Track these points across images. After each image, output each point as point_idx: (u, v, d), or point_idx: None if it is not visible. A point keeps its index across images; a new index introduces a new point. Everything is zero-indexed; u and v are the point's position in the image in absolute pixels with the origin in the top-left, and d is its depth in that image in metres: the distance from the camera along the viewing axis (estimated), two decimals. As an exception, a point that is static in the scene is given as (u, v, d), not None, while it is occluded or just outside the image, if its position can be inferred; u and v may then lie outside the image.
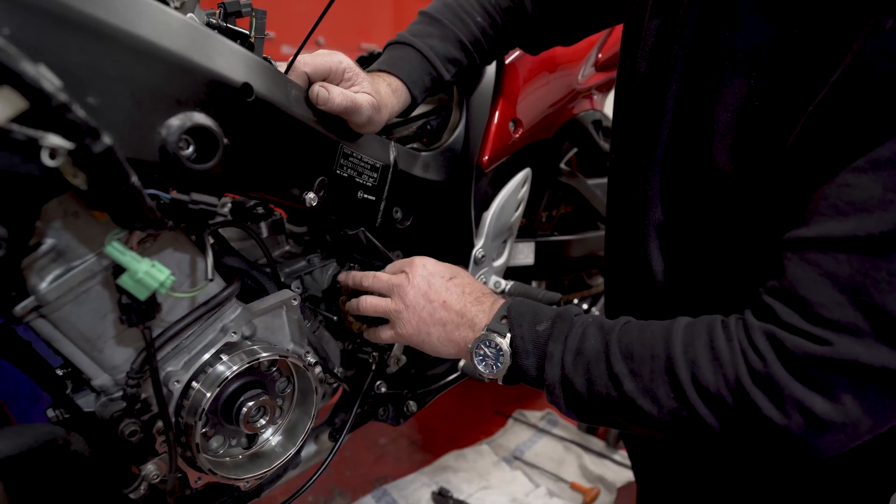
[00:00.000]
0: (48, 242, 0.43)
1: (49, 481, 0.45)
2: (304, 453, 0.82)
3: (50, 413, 0.52)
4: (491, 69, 0.93)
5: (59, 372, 0.55)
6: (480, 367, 0.57)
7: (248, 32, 0.59)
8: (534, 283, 1.28)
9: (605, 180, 1.29)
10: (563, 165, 1.18)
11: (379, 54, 1.12)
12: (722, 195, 0.51)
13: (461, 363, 0.90)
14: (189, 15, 0.50)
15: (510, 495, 1.12)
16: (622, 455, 1.24)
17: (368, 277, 0.66)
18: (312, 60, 0.61)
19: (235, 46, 0.50)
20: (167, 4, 0.46)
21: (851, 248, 0.40)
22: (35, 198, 0.39)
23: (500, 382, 0.58)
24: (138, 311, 0.44)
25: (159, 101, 0.42)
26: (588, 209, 1.26)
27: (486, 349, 0.57)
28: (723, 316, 0.48)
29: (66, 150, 0.34)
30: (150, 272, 0.40)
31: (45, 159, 0.34)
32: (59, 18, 0.36)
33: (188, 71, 0.44)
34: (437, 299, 0.60)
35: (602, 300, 1.58)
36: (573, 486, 1.14)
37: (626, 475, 1.18)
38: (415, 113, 0.93)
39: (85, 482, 0.47)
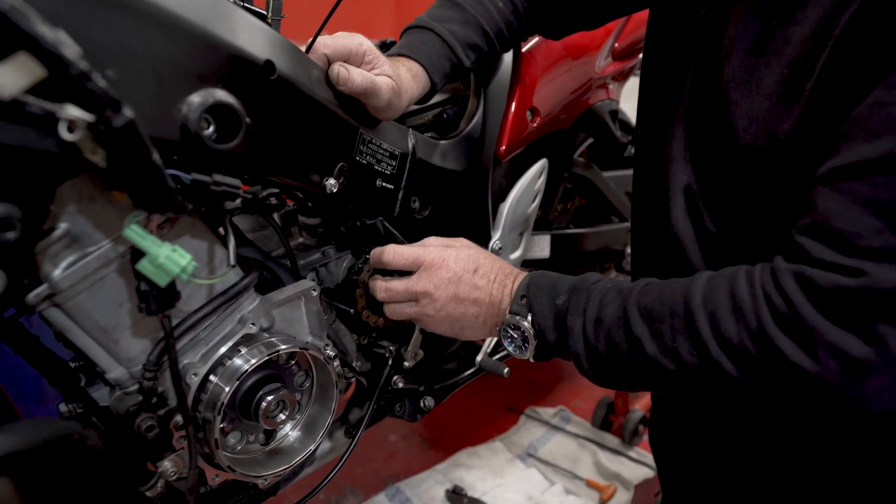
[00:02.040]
0: (62, 227, 0.41)
1: (63, 477, 0.43)
2: (318, 450, 0.80)
3: (63, 408, 0.50)
4: (508, 57, 0.91)
5: (73, 365, 0.53)
6: (511, 349, 0.58)
7: (265, 13, 0.57)
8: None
9: (619, 173, 1.27)
10: (577, 157, 1.16)
11: (392, 43, 1.10)
12: (747, 148, 0.48)
13: (478, 358, 0.89)
14: None
15: (525, 493, 1.09)
16: (637, 452, 1.22)
17: (389, 253, 0.63)
18: (333, 42, 0.59)
19: (258, 22, 0.48)
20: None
21: (888, 169, 0.37)
22: (51, 177, 0.37)
23: (532, 360, 0.58)
24: (158, 299, 0.41)
25: (181, 76, 0.40)
26: (603, 202, 1.23)
27: (512, 332, 0.57)
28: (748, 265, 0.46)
29: (86, 122, 0.31)
30: (171, 257, 0.38)
31: (63, 133, 0.32)
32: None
33: (211, 45, 0.42)
34: (466, 298, 0.59)
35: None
36: (589, 484, 1.12)
37: (643, 472, 1.16)
38: (430, 102, 0.91)
39: (100, 479, 0.45)
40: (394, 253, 0.62)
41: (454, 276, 0.59)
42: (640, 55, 1.10)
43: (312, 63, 0.56)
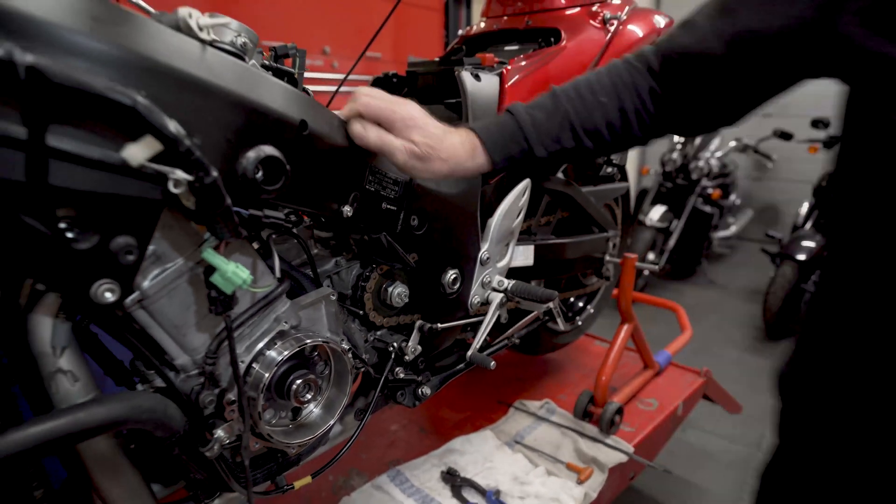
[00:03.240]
0: (150, 249, 0.55)
1: (152, 440, 0.56)
2: (332, 432, 0.93)
3: (139, 388, 0.63)
4: (494, 90, 1.05)
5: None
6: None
7: (293, 70, 0.71)
8: (533, 283, 1.40)
9: (599, 188, 1.41)
10: (559, 175, 1.29)
11: (394, 76, 1.24)
12: None
13: (468, 353, 1.02)
14: (251, 61, 0.61)
15: (511, 474, 1.23)
16: (614, 440, 1.35)
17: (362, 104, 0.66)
18: (369, 102, 0.66)
19: (294, 90, 0.62)
20: (242, 59, 0.57)
21: None
22: (155, 216, 0.51)
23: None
24: (223, 303, 0.55)
25: (241, 139, 0.53)
26: (583, 214, 1.37)
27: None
28: None
29: (186, 181, 0.45)
30: (235, 272, 0.52)
31: (171, 188, 0.45)
32: (177, 80, 0.47)
33: (261, 114, 0.55)
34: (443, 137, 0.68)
35: (596, 299, 1.70)
36: (569, 467, 1.26)
37: (617, 457, 1.29)
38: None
39: (176, 442, 0.59)
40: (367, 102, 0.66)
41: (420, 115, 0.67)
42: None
43: (332, 114, 0.69)
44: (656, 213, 3.90)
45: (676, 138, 4.42)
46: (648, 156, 6.23)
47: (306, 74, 2.34)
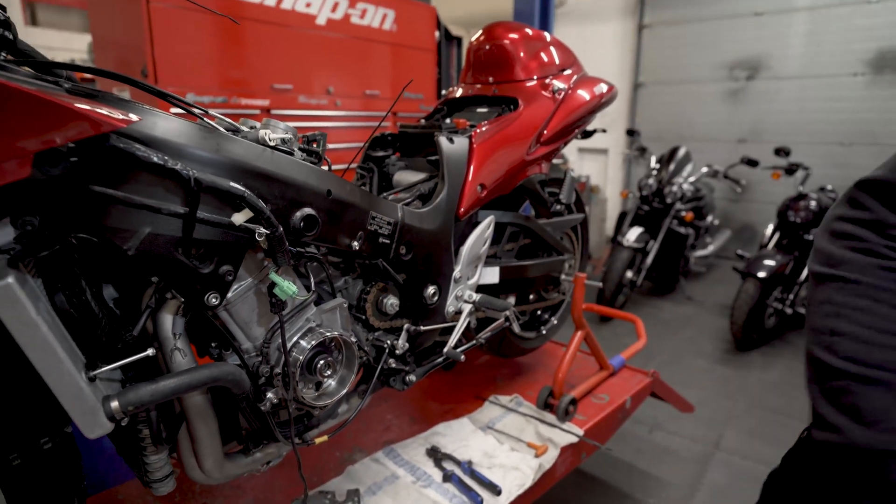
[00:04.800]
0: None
1: (229, 397, 0.88)
2: (340, 409, 1.24)
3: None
4: (464, 150, 1.38)
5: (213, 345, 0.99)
6: None
7: (318, 150, 1.03)
8: (502, 297, 1.72)
9: (553, 220, 1.73)
10: (520, 211, 1.62)
11: (389, 135, 1.56)
12: None
13: (445, 349, 1.34)
14: (295, 148, 0.94)
15: (482, 450, 1.53)
16: (568, 426, 1.65)
17: None
18: None
19: (323, 170, 0.94)
20: (291, 154, 0.90)
21: None
22: (242, 253, 0.83)
23: None
24: (279, 306, 0.87)
25: (293, 206, 0.86)
26: (541, 242, 1.70)
27: None
28: None
29: (265, 234, 0.78)
30: (289, 286, 0.84)
31: (256, 237, 0.78)
32: (259, 174, 0.80)
33: (304, 188, 0.88)
34: None
35: (561, 309, 2.02)
36: (529, 445, 1.56)
37: (569, 438, 1.59)
38: (412, 181, 1.38)
39: (243, 398, 0.90)
40: None
41: None
42: (564, 141, 1.58)
43: (348, 182, 1.01)
44: (633, 235, 4.24)
45: (653, 164, 4.79)
46: (628, 181, 6.60)
47: (314, 112, 2.80)
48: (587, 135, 1.81)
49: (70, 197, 0.67)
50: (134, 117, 0.65)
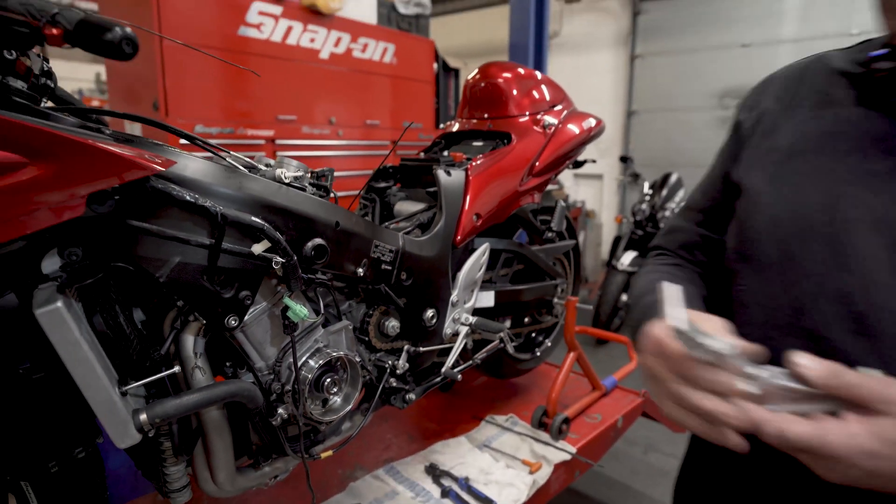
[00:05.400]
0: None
1: (240, 415, 0.95)
2: (343, 426, 1.31)
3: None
4: (461, 183, 1.48)
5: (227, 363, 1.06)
6: None
7: (326, 185, 1.13)
8: (498, 319, 1.80)
9: (545, 246, 1.83)
10: (514, 238, 1.72)
11: (391, 167, 1.65)
12: None
13: (443, 369, 1.41)
14: (310, 189, 1.03)
15: (479, 468, 1.59)
16: (562, 444, 1.72)
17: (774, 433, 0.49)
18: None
19: (332, 204, 1.04)
20: (304, 190, 1.00)
21: None
22: (260, 279, 0.91)
23: None
24: (291, 327, 0.95)
25: (305, 236, 0.95)
26: (534, 267, 1.79)
27: None
28: None
29: (282, 262, 0.87)
30: (301, 309, 0.93)
31: (273, 265, 0.87)
32: (276, 208, 0.89)
33: (315, 220, 0.97)
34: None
35: (554, 332, 2.10)
36: (524, 462, 1.62)
37: (562, 456, 1.66)
38: (412, 211, 1.48)
39: (256, 413, 0.98)
40: (777, 433, 0.48)
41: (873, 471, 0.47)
42: (555, 172, 1.68)
43: (355, 215, 1.11)
44: (627, 258, 4.33)
45: (646, 189, 4.91)
46: (623, 206, 6.74)
47: (317, 142, 2.94)
48: (578, 165, 1.92)
49: (109, 230, 0.76)
50: (171, 160, 0.75)
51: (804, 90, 0.73)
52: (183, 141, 2.15)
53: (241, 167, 0.92)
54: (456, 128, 1.79)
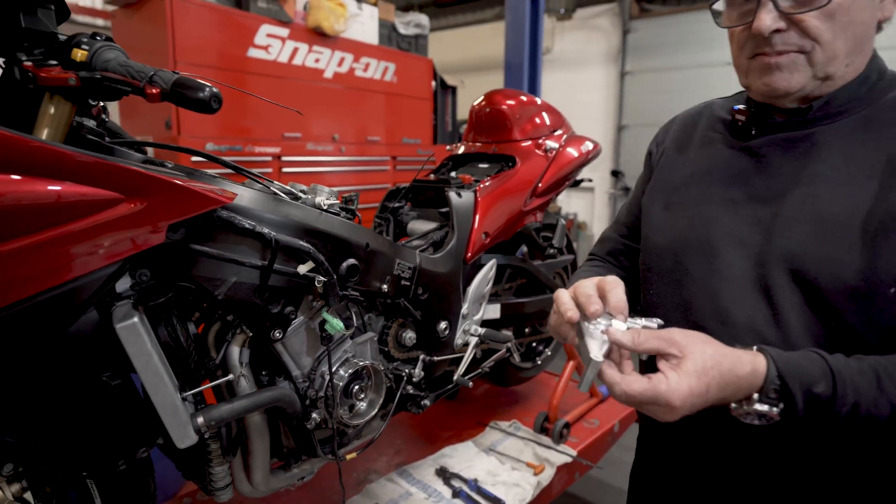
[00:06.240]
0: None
1: (281, 414, 1.05)
2: (364, 431, 1.40)
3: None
4: (471, 203, 1.59)
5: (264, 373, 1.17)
6: (745, 420, 0.63)
7: (353, 208, 1.24)
8: (503, 330, 1.90)
9: (546, 262, 1.94)
10: (517, 255, 1.83)
11: (403, 187, 1.76)
12: None
13: (454, 377, 1.52)
14: (342, 215, 1.14)
15: (486, 470, 1.70)
16: (563, 447, 1.83)
17: (620, 395, 0.62)
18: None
19: (362, 227, 1.14)
20: (338, 214, 1.10)
21: None
22: (302, 296, 1.02)
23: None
24: (328, 339, 1.06)
25: (341, 257, 1.06)
26: (536, 281, 1.91)
27: (754, 414, 0.62)
28: None
29: (323, 281, 0.97)
30: (337, 322, 1.03)
31: (315, 284, 0.97)
32: (317, 232, 1.00)
33: (349, 242, 1.08)
34: (699, 406, 0.61)
35: (554, 342, 2.21)
36: (528, 465, 1.73)
37: (564, 458, 1.76)
38: (425, 230, 1.59)
39: (293, 416, 1.08)
40: (625, 395, 0.61)
41: (690, 406, 0.60)
42: (556, 193, 1.80)
43: (381, 236, 1.22)
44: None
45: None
46: (613, 218, 6.90)
47: (321, 158, 3.07)
48: (576, 184, 2.04)
49: (175, 254, 0.86)
50: (234, 193, 0.85)
51: (695, 133, 0.90)
52: (194, 158, 2.24)
53: (283, 195, 1.03)
54: (462, 150, 1.91)
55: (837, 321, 0.66)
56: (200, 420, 0.92)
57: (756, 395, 0.61)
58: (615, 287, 0.70)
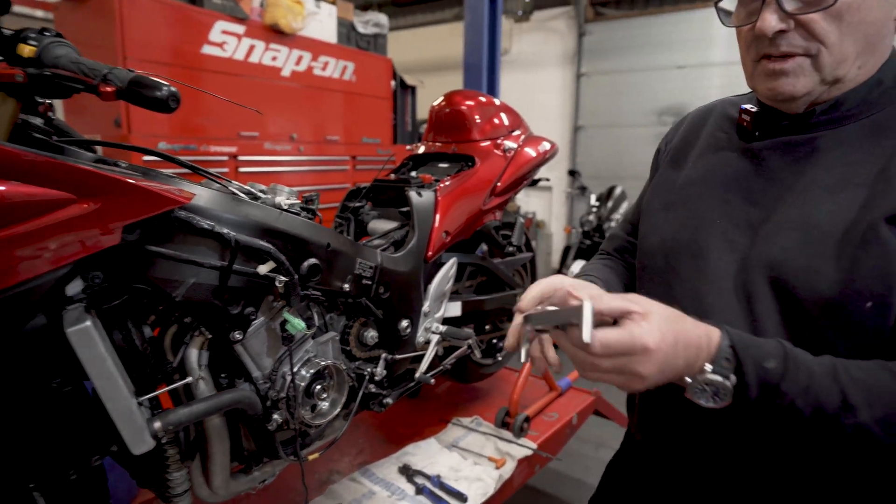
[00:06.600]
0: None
1: (239, 417, 1.05)
2: (327, 431, 1.40)
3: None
4: (431, 202, 1.61)
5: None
6: (700, 401, 0.61)
7: (314, 209, 1.23)
8: (464, 328, 1.93)
9: (506, 259, 1.98)
10: (477, 252, 1.86)
11: (364, 187, 1.76)
12: None
13: (416, 374, 1.53)
14: (303, 213, 1.14)
15: (449, 466, 1.72)
16: (523, 441, 1.87)
17: (597, 347, 0.57)
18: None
19: (323, 227, 1.14)
20: (298, 214, 1.10)
21: None
22: (262, 297, 1.01)
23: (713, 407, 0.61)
24: (289, 339, 1.05)
25: (302, 257, 1.06)
26: (496, 279, 1.94)
27: (706, 386, 0.60)
28: None
29: (284, 281, 0.97)
30: (298, 322, 1.03)
31: (276, 284, 0.97)
32: (277, 231, 1.00)
33: (309, 242, 1.08)
34: (668, 369, 0.59)
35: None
36: (490, 459, 1.76)
37: (525, 452, 1.80)
38: (386, 229, 1.60)
39: (254, 419, 1.07)
40: (602, 345, 0.57)
41: (664, 356, 0.58)
42: (514, 192, 1.84)
43: (342, 235, 1.22)
44: (576, 267, 4.58)
45: (593, 201, 5.20)
46: (571, 217, 7.06)
47: (279, 158, 3.04)
48: (534, 183, 2.09)
49: (130, 255, 0.85)
50: (192, 193, 0.84)
51: (703, 132, 0.89)
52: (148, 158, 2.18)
53: (242, 195, 1.02)
54: (422, 150, 1.92)
55: (812, 333, 0.65)
56: (157, 425, 0.90)
57: (709, 366, 0.60)
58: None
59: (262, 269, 0.96)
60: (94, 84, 0.71)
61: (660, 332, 0.58)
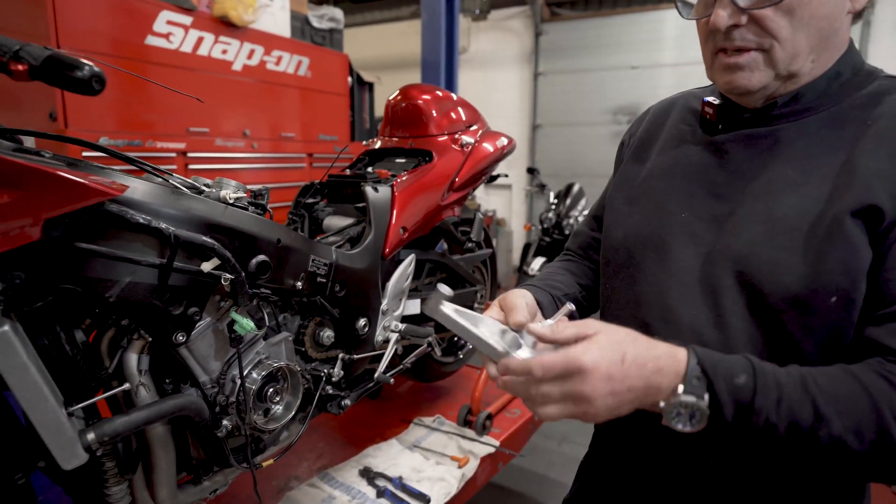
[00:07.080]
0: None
1: (184, 422, 0.98)
2: (282, 436, 1.35)
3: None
4: (388, 198, 1.57)
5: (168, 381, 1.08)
6: (675, 423, 0.58)
7: (263, 203, 1.18)
8: (424, 325, 1.90)
9: (465, 256, 1.96)
10: (436, 249, 1.83)
11: (318, 183, 1.70)
12: None
13: (375, 375, 1.49)
14: (251, 208, 1.08)
15: (411, 467, 1.68)
16: (486, 438, 1.85)
17: (537, 368, 0.58)
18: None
19: (273, 222, 1.09)
20: (246, 209, 1.04)
21: None
22: (208, 296, 0.95)
23: (691, 431, 0.58)
24: (237, 340, 1.00)
25: (250, 253, 1.00)
26: (456, 275, 1.92)
27: (681, 409, 0.58)
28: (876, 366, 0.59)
29: (230, 278, 0.91)
30: (248, 322, 0.98)
31: (222, 282, 0.91)
32: (222, 227, 0.94)
33: (258, 238, 1.02)
34: (621, 390, 0.58)
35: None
36: (452, 458, 1.73)
37: (487, 450, 1.79)
38: (342, 226, 1.55)
39: (202, 425, 1.01)
40: (542, 367, 0.58)
41: (607, 374, 0.57)
42: (473, 187, 1.82)
43: (294, 232, 1.16)
44: (537, 264, 4.61)
45: (552, 199, 5.25)
46: (531, 214, 7.13)
47: (231, 154, 2.93)
48: (492, 179, 2.08)
49: (56, 253, 0.78)
50: (124, 184, 0.78)
51: (667, 124, 0.88)
52: (90, 154, 2.06)
53: (184, 189, 0.96)
54: (378, 145, 1.88)
55: (778, 328, 0.65)
56: (91, 436, 0.83)
57: (681, 387, 0.57)
58: (514, 308, 0.72)
59: (206, 266, 0.90)
60: (4, 62, 0.64)
61: (598, 350, 0.57)
